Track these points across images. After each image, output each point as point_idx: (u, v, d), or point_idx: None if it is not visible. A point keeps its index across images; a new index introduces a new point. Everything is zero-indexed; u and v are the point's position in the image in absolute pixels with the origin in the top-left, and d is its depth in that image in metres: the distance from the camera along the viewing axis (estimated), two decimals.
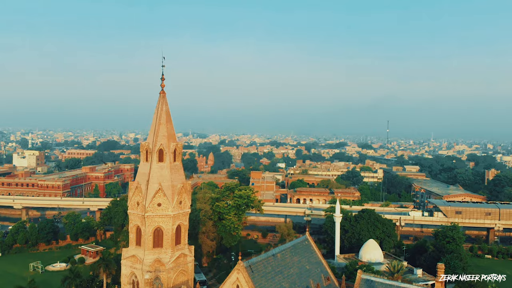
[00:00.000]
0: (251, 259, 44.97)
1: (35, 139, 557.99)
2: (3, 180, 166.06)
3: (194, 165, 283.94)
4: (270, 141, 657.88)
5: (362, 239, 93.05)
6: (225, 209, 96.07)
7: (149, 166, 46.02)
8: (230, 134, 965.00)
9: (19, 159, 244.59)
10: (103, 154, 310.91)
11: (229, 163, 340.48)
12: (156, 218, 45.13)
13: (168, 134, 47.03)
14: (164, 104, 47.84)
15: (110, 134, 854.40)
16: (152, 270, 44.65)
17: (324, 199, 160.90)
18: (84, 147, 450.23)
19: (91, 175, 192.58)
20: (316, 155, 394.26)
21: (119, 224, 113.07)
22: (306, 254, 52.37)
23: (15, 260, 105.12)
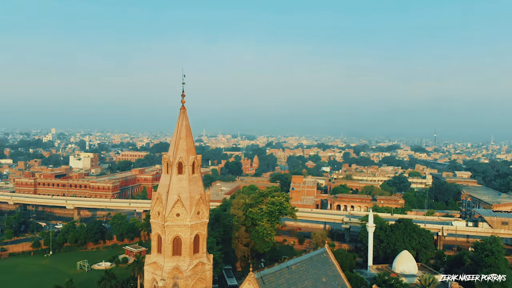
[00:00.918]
0: (263, 271, 46.19)
1: (93, 141, 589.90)
2: (58, 181, 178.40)
3: (239, 168, 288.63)
4: (317, 144, 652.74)
5: (397, 249, 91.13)
6: (258, 215, 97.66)
7: (169, 178, 48.49)
8: (278, 136, 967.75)
9: (75, 160, 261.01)
10: (154, 156, 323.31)
11: (273, 165, 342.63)
12: (175, 228, 47.51)
13: (188, 147, 49.30)
14: (184, 119, 50.15)
15: (163, 135, 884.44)
16: (171, 277, 47.06)
17: (366, 206, 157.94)
18: (138, 148, 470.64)
19: (140, 177, 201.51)
20: (364, 159, 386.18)
21: None
22: (323, 266, 52.70)
23: (64, 258, 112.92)
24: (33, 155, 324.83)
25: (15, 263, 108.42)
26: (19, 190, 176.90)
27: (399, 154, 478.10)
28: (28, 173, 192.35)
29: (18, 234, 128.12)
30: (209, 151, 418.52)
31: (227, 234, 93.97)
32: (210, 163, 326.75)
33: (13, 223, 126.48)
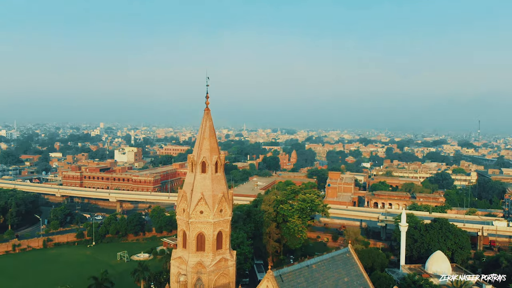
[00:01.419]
0: (283, 269, 47.11)
1: (138, 135, 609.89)
2: (102, 175, 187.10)
3: (276, 163, 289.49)
4: (359, 138, 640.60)
5: (432, 249, 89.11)
6: (288, 211, 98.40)
7: (193, 177, 50.41)
8: (318, 130, 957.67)
9: (120, 155, 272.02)
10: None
11: (312, 161, 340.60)
12: (198, 224, 49.42)
13: (211, 147, 50.91)
14: (208, 120, 51.79)
15: None
16: (195, 272, 49.07)
17: (405, 204, 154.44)
18: (180, 143, 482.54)
19: (180, 171, 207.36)
20: (407, 154, 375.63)
21: None
22: (345, 266, 52.85)
23: (106, 249, 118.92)
24: (81, 149, 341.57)
25: (60, 252, 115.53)
26: (66, 183, 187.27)
27: (444, 149, 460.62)
28: (74, 166, 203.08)
29: (64, 225, 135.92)
30: (248, 146, 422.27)
31: (258, 229, 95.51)
32: (248, 157, 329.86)
33: (59, 214, 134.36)
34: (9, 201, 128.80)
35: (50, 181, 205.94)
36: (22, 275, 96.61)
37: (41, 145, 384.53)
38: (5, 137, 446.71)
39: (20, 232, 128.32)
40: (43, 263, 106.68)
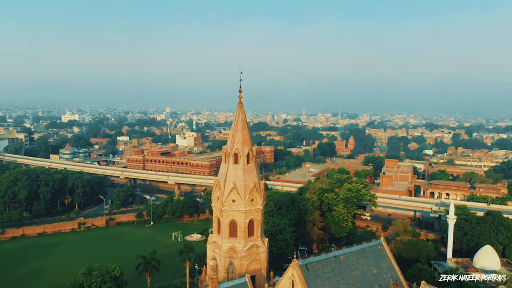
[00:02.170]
0: (309, 259, 48.75)
1: (201, 120, 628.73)
2: (163, 159, 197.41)
3: (332, 149, 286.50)
4: (426, 123, 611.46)
5: (482, 243, 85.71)
6: (333, 200, 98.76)
7: (227, 167, 53.23)
8: (383, 114, 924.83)
9: (181, 139, 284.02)
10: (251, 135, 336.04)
11: (371, 147, 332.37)
12: (231, 212, 52.37)
13: (243, 139, 53.26)
14: (241, 113, 54.09)
15: (265, 114, 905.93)
16: (227, 256, 52.29)
17: (463, 195, 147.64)
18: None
19: None
20: (474, 141, 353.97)
21: None
22: (376, 258, 53.21)
23: (162, 229, 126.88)
24: (146, 133, 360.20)
25: (121, 231, 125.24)
26: (130, 165, 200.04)
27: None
28: (138, 150, 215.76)
29: (126, 205, 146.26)
30: (305, 131, 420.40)
31: (301, 217, 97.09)
32: (304, 143, 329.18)
33: (121, 195, 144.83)
34: (76, 182, 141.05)
35: (116, 164, 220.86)
36: (85, 251, 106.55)
37: (110, 129, 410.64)
38: (78, 121, 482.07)
39: (86, 211, 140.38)
40: (104, 241, 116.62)
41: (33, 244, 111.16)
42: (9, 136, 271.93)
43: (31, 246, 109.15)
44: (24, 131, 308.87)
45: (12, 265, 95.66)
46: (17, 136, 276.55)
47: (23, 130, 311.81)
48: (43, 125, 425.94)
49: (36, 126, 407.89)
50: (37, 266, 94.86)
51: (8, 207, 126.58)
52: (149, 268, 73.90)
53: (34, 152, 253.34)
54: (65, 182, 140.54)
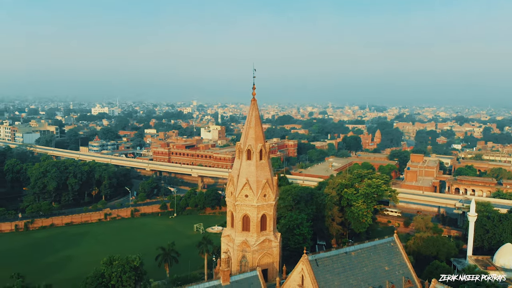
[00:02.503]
0: (319, 254, 49.32)
1: (226, 113, 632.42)
2: (187, 151, 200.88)
3: (357, 143, 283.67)
4: (456, 116, 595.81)
5: (503, 241, 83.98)
6: (353, 196, 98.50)
7: (240, 163, 54.29)
8: (412, 107, 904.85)
9: (205, 132, 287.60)
10: (275, 129, 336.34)
11: (398, 141, 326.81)
12: (243, 207, 53.49)
13: (256, 136, 54.10)
14: (254, 110, 54.89)
15: (290, 107, 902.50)
16: (240, 249, 53.56)
17: (489, 191, 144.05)
18: (264, 120, 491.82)
19: None
20: (505, 135, 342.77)
21: None
22: (388, 255, 53.24)
23: (185, 220, 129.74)
24: (173, 126, 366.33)
25: (145, 222, 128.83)
26: (156, 158, 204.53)
27: None
28: (164, 143, 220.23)
29: (151, 197, 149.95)
30: (331, 124, 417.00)
31: (320, 212, 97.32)
32: (329, 136, 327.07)
33: (146, 187, 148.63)
34: (103, 174, 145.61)
35: (143, 156, 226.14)
36: (110, 241, 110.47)
37: (138, 122, 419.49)
38: (107, 114, 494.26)
39: (112, 203, 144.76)
40: (129, 231, 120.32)
41: (61, 234, 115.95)
42: (40, 128, 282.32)
43: (59, 236, 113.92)
44: (55, 123, 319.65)
45: (41, 254, 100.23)
46: (48, 128, 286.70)
47: (54, 123, 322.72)
48: (73, 118, 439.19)
49: (67, 119, 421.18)
50: (64, 256, 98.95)
51: (38, 198, 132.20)
52: (168, 259, 76.20)
53: (65, 144, 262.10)
54: (92, 174, 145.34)
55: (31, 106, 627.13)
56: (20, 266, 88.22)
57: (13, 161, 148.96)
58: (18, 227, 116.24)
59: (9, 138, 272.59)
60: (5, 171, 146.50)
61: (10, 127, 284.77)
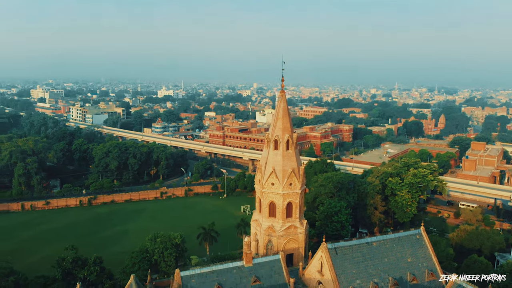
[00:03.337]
0: (339, 242, 50.99)
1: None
2: (240, 135, 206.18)
3: (419, 128, 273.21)
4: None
5: None
6: (397, 185, 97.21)
7: (268, 153, 56.74)
8: (485, 90, 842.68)
9: (260, 116, 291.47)
10: (331, 113, 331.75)
11: (464, 126, 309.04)
12: (270, 194, 56.11)
13: (283, 127, 56.04)
14: (283, 102, 56.72)
15: (353, 89, 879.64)
16: (266, 234, 56.47)
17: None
18: (322, 104, 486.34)
19: (310, 134, 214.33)
20: None
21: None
22: (412, 247, 53.44)
23: (233, 201, 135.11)
24: (231, 109, 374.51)
25: (197, 201, 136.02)
26: (211, 140, 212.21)
27: None
28: (219, 126, 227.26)
29: (204, 178, 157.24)
30: (393, 108, 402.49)
31: (362, 200, 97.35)
32: (390, 121, 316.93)
33: (200, 168, 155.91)
34: (161, 155, 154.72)
35: (201, 138, 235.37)
36: (163, 218, 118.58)
37: (199, 105, 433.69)
38: (172, 97, 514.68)
39: (169, 182, 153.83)
40: (182, 209, 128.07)
41: (120, 210, 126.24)
42: (108, 110, 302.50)
43: (118, 212, 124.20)
44: (122, 105, 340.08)
45: (101, 227, 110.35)
46: (115, 110, 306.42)
47: (122, 105, 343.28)
48: (140, 100, 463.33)
49: (134, 101, 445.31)
50: (121, 230, 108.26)
51: (101, 176, 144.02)
52: (208, 238, 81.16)
53: (130, 125, 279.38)
54: (151, 155, 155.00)
55: (102, 88, 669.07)
56: (81, 238, 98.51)
57: (80, 141, 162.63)
58: (82, 203, 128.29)
59: (80, 119, 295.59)
60: (73, 150, 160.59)
61: (81, 108, 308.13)
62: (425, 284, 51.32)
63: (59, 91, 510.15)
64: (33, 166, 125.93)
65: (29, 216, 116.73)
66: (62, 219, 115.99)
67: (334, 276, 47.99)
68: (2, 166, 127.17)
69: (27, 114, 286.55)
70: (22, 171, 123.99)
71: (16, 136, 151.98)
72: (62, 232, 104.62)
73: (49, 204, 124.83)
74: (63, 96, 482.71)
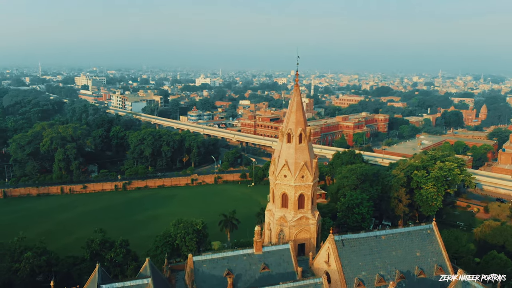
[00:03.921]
0: (346, 235, 52.18)
1: (322, 83, 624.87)
2: (271, 124, 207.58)
3: (458, 119, 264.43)
4: None
5: None
6: (423, 178, 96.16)
7: (281, 145, 58.32)
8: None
9: None
10: (368, 101, 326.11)
11: (508, 118, 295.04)
12: (282, 186, 57.81)
13: (297, 120, 57.25)
14: (297, 96, 57.88)
15: (394, 77, 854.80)
16: (279, 224, 58.40)
17: None
18: (360, 92, 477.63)
19: (343, 123, 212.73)
20: None
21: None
22: (422, 242, 53.69)
23: (261, 190, 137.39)
24: (265, 97, 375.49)
25: (226, 189, 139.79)
26: (243, 129, 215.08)
27: None
28: (251, 115, 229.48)
29: (234, 166, 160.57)
30: (434, 97, 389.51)
31: (385, 192, 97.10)
32: (429, 111, 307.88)
33: (230, 157, 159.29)
34: (192, 143, 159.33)
35: (234, 127, 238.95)
36: (193, 204, 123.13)
37: (235, 93, 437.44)
38: (209, 85, 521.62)
39: (200, 169, 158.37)
40: (210, 196, 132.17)
41: (153, 195, 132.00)
42: (147, 98, 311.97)
43: (150, 197, 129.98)
44: (160, 93, 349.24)
45: (134, 211, 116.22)
46: (154, 98, 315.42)
47: (160, 93, 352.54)
48: (178, 88, 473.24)
49: (172, 89, 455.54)
50: (152, 214, 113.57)
51: (136, 162, 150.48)
52: (228, 225, 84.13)
53: (167, 113, 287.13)
54: (183, 142, 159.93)
55: (143, 76, 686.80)
56: (113, 221, 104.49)
57: (118, 128, 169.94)
58: (117, 187, 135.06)
59: (120, 106, 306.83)
60: (111, 137, 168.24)
61: (121, 96, 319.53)
62: (433, 278, 51.68)
63: (101, 78, 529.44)
64: (72, 152, 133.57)
65: (68, 199, 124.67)
66: (97, 203, 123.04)
67: (339, 267, 49.44)
68: (44, 151, 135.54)
69: (70, 101, 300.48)
70: (62, 156, 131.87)
71: (58, 123, 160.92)
72: (97, 215, 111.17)
73: (86, 188, 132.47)
74: (105, 83, 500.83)
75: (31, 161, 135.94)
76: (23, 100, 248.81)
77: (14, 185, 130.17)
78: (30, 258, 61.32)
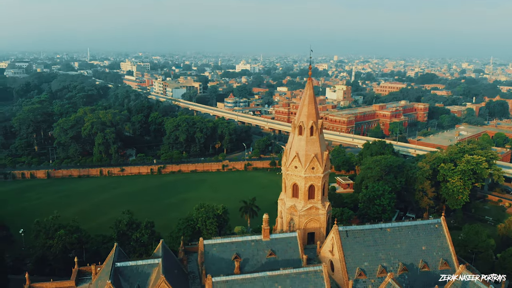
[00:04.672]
0: (351, 226, 53.84)
1: (365, 69, 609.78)
2: None
3: (503, 109, 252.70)
4: None
5: None
6: (449, 171, 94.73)
7: (293, 137, 60.25)
8: None
9: (330, 92, 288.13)
10: (410, 89, 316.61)
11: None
12: (293, 176, 59.90)
13: (308, 113, 58.79)
14: (309, 89, 59.32)
15: (442, 63, 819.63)
16: (289, 213, 60.73)
17: None
18: (404, 79, 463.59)
19: (379, 112, 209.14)
20: None
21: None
22: (428, 236, 54.30)
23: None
24: (303, 84, 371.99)
25: (255, 175, 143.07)
26: (277, 117, 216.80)
27: None
28: (285, 103, 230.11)
29: (265, 153, 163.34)
30: (481, 85, 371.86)
31: (410, 185, 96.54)
32: (474, 100, 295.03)
33: (261, 144, 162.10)
34: (224, 130, 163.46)
35: (268, 114, 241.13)
36: (222, 189, 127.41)
37: (274, 79, 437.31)
38: (248, 71, 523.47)
39: (231, 156, 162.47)
40: (239, 182, 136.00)
41: (185, 179, 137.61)
42: (187, 84, 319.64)
43: (183, 181, 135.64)
44: (200, 80, 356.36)
45: (167, 194, 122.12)
46: (193, 84, 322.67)
47: (200, 79, 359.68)
48: (218, 74, 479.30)
49: (212, 75, 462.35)
50: (183, 198, 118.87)
51: (171, 147, 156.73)
52: (248, 211, 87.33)
53: (206, 99, 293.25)
54: (216, 130, 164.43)
55: (186, 62, 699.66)
56: (147, 204, 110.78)
57: (156, 114, 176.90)
58: (153, 171, 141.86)
59: (161, 92, 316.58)
60: (149, 122, 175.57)
61: (162, 82, 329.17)
62: (437, 272, 52.36)
63: (145, 64, 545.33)
64: (111, 136, 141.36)
65: (106, 181, 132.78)
66: (133, 185, 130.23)
67: (342, 257, 51.32)
68: (85, 135, 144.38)
69: (114, 86, 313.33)
70: (102, 140, 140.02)
71: (99, 108, 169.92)
72: (131, 197, 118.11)
73: (124, 171, 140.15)
74: (148, 69, 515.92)
75: (73, 144, 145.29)
76: (70, 85, 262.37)
77: (57, 166, 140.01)
78: (62, 236, 67.39)
